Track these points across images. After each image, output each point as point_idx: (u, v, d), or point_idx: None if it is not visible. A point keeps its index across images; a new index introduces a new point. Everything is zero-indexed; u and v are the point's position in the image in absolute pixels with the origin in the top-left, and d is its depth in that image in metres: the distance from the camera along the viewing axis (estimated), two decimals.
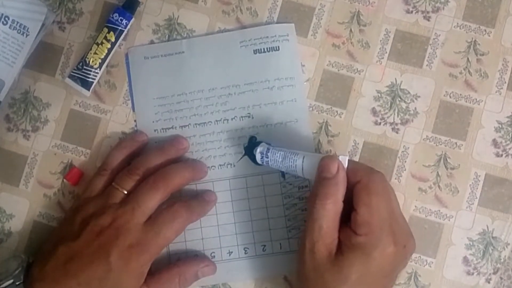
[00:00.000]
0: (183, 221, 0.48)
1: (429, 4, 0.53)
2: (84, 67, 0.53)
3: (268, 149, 0.48)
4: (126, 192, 0.48)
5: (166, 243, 0.47)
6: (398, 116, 0.52)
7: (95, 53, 0.53)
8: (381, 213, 0.42)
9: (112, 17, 0.53)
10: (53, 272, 0.45)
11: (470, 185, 0.51)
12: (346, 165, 0.44)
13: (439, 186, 0.51)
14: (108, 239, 0.45)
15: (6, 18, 0.51)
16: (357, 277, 0.41)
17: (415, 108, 0.52)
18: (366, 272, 0.41)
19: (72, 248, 0.46)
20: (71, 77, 0.53)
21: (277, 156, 0.48)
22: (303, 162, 0.46)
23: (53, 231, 0.51)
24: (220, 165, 0.52)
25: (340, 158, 0.44)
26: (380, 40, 0.53)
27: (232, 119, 0.53)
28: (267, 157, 0.48)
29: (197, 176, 0.51)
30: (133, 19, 0.53)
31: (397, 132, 0.52)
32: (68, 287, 0.45)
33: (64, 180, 0.53)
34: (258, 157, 0.49)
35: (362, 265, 0.41)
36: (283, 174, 0.51)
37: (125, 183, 0.48)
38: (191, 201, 0.50)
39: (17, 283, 0.46)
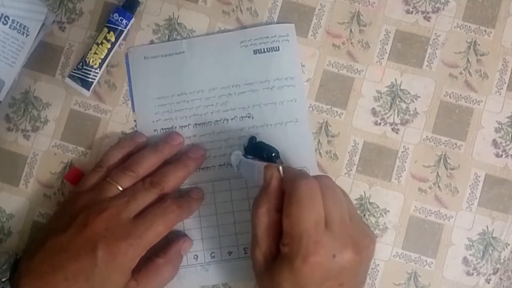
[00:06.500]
0: (174, 217, 0.48)
1: (429, 4, 0.53)
2: (84, 67, 0.53)
3: (240, 160, 0.49)
4: (121, 189, 0.48)
5: (156, 238, 0.46)
6: (398, 116, 0.52)
7: (95, 53, 0.53)
8: (301, 223, 0.40)
9: (112, 17, 0.53)
10: (40, 267, 0.45)
11: (470, 185, 0.51)
12: (281, 174, 0.43)
13: (439, 187, 0.52)
14: (96, 231, 0.45)
15: (6, 18, 0.51)
16: (288, 286, 0.41)
17: (415, 109, 0.52)
18: (295, 281, 0.41)
19: (60, 241, 0.45)
20: (71, 77, 0.53)
21: (245, 167, 0.48)
22: (257, 172, 0.46)
23: (43, 227, 0.51)
24: (220, 165, 0.52)
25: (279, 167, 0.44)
26: (380, 40, 0.53)
27: (232, 119, 0.53)
28: (240, 169, 0.49)
29: (192, 171, 0.51)
30: (133, 19, 0.53)
31: (397, 133, 0.52)
32: (54, 281, 0.44)
33: (64, 180, 0.53)
34: (234, 166, 0.50)
35: (289, 274, 0.41)
36: None
37: (120, 179, 0.48)
38: (182, 199, 0.50)
39: (3, 279, 0.45)
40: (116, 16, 0.53)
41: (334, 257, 0.40)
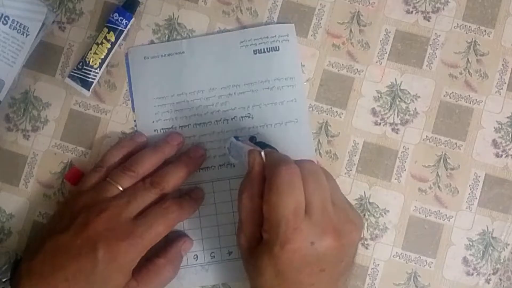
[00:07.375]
0: (175, 217, 0.48)
1: (429, 4, 0.53)
2: (84, 67, 0.53)
3: (231, 143, 0.49)
4: (121, 189, 0.48)
5: (156, 238, 0.46)
6: (398, 116, 0.52)
7: (95, 53, 0.53)
8: (280, 210, 0.40)
9: (112, 17, 0.53)
10: (40, 267, 0.45)
11: (470, 185, 0.51)
12: (264, 159, 0.43)
13: (439, 187, 0.52)
14: (96, 231, 0.45)
15: (6, 18, 0.51)
16: (269, 271, 0.41)
17: (415, 109, 0.52)
18: (275, 267, 0.41)
19: (60, 241, 0.45)
20: (71, 77, 0.53)
21: (235, 150, 0.48)
22: (244, 156, 0.46)
23: (43, 227, 0.51)
24: (220, 165, 0.52)
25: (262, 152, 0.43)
26: (380, 40, 0.53)
27: (232, 119, 0.53)
28: (231, 152, 0.49)
29: (192, 171, 0.51)
30: (133, 19, 0.53)
31: (397, 133, 0.52)
32: (55, 282, 0.44)
33: (64, 180, 0.53)
34: (226, 149, 0.50)
35: (269, 259, 0.41)
36: None
37: (120, 179, 0.48)
38: (182, 199, 0.50)
39: (3, 279, 0.45)
40: (116, 16, 0.53)
41: (313, 244, 0.40)
